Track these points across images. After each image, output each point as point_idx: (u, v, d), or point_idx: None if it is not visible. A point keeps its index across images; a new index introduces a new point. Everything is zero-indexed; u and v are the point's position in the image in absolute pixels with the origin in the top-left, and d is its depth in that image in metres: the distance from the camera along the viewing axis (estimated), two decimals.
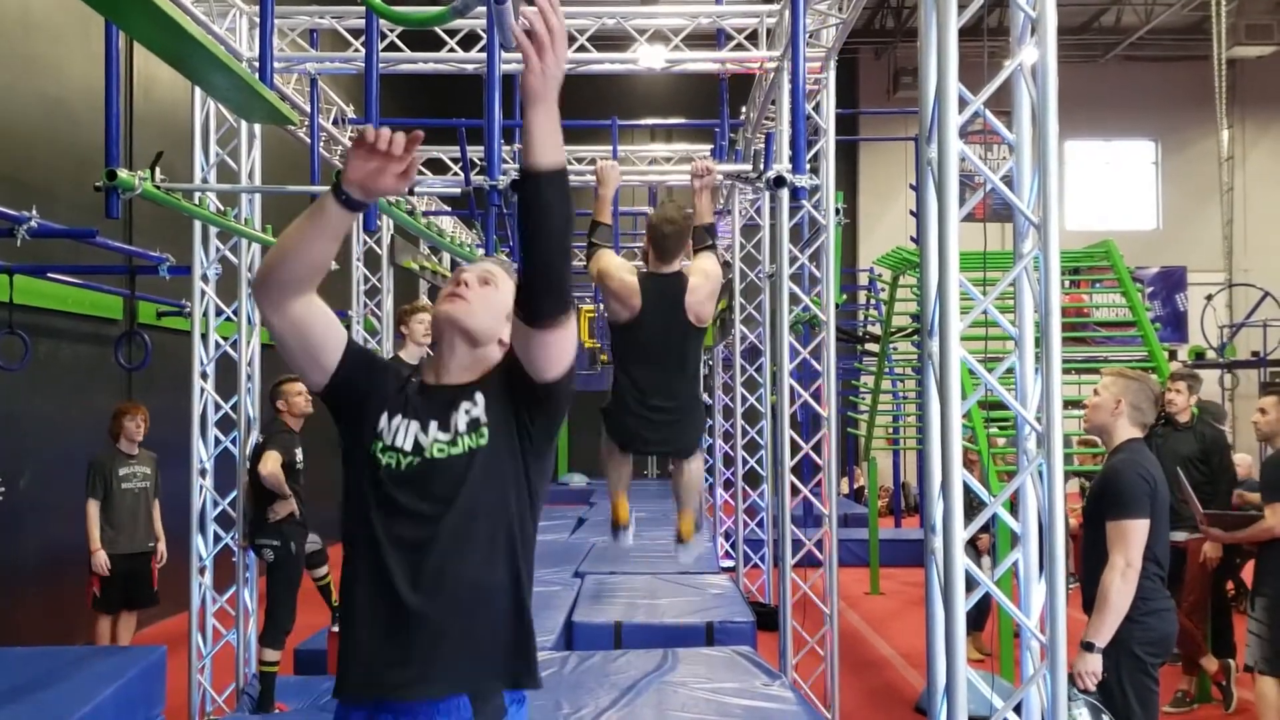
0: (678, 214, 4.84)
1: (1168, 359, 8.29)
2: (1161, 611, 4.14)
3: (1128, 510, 4.02)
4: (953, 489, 3.02)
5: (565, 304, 2.28)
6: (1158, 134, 22.77)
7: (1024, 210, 3.13)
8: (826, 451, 6.44)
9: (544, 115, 2.13)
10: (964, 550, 3.08)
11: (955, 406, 3.02)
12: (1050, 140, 3.09)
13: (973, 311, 3.11)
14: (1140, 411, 4.25)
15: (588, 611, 8.33)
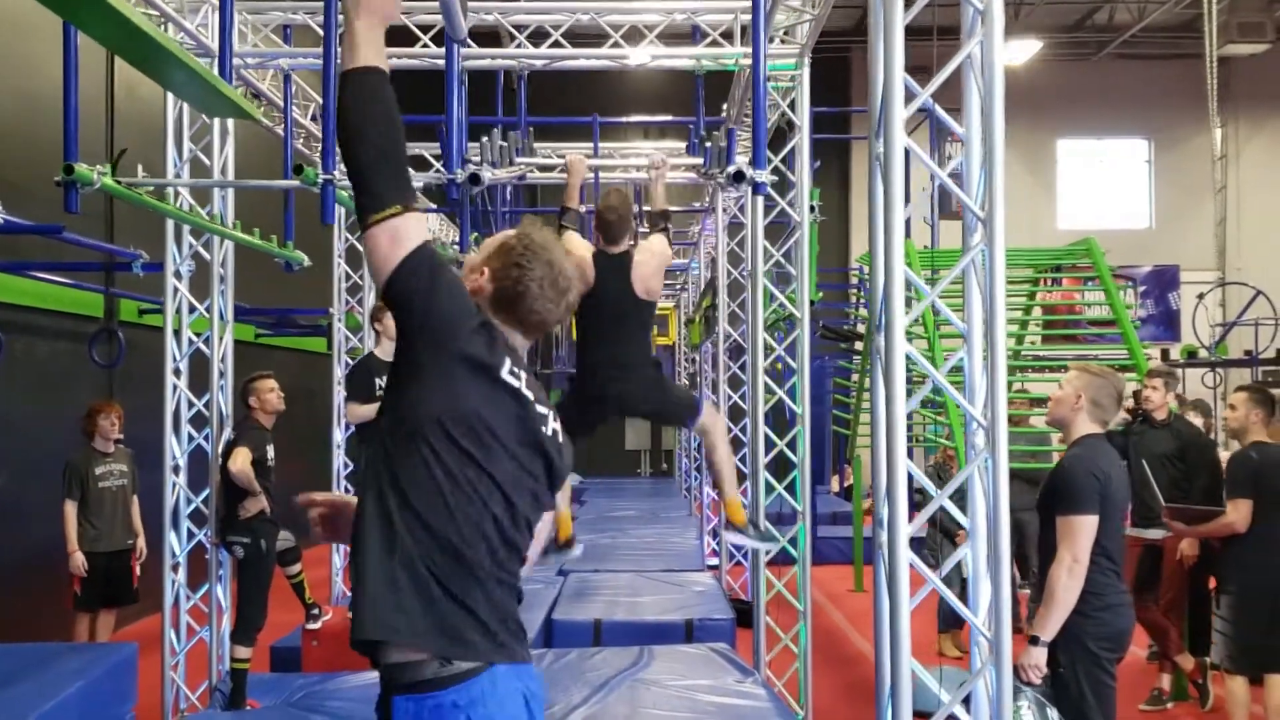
0: (620, 201, 5.33)
1: (1160, 358, 8.35)
2: (1116, 606, 4.14)
3: (1075, 506, 4.03)
4: (897, 484, 3.01)
5: (375, 203, 2.19)
6: (1150, 132, 22.74)
7: (971, 205, 3.12)
8: (800, 447, 6.43)
9: (355, 25, 2.24)
10: (940, 543, 3.10)
11: (899, 402, 3.02)
12: (996, 134, 3.09)
13: (918, 306, 3.11)
14: (1100, 408, 4.25)
15: (568, 609, 8.32)
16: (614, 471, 21.34)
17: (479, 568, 2.22)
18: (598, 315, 5.30)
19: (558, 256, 2.41)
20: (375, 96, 2.22)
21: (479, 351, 2.24)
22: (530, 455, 2.33)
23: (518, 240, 2.39)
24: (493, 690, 2.19)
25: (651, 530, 13.27)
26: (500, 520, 2.26)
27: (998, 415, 3.02)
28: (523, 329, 2.41)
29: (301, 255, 6.81)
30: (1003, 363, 3.04)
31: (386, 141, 2.21)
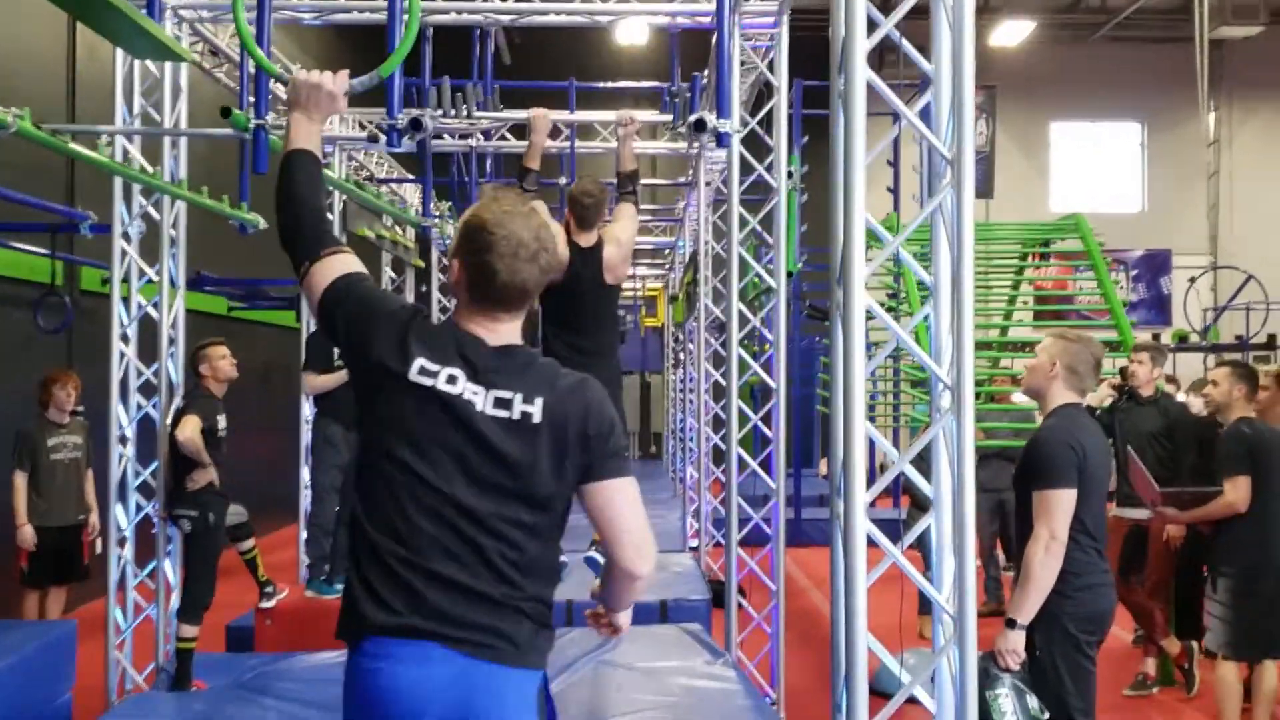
0: (595, 187, 5.26)
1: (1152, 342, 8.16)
2: (1096, 586, 3.91)
3: (1052, 480, 3.81)
4: (854, 447, 2.77)
5: (296, 262, 2.47)
6: (1144, 116, 22.50)
7: (939, 146, 2.88)
8: (775, 423, 6.19)
9: (295, 116, 2.61)
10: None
11: (858, 358, 2.77)
12: (966, 71, 2.85)
13: (881, 253, 2.86)
14: (1077, 375, 4.02)
15: None
16: None
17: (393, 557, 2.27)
18: (566, 303, 5.27)
19: (516, 227, 2.32)
20: (306, 177, 2.53)
21: (387, 359, 2.30)
22: (461, 448, 2.27)
23: (473, 219, 2.35)
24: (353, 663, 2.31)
25: None
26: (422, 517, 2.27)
27: (964, 375, 2.78)
28: (504, 307, 2.35)
29: (257, 218, 6.53)
30: (969, 318, 2.80)
31: (305, 212, 2.50)
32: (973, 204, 2.80)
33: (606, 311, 5.50)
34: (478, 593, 2.24)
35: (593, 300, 5.35)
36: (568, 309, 5.31)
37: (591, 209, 5.18)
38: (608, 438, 2.32)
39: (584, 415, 2.31)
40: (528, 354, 2.37)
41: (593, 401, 2.34)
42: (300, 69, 2.73)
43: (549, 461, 2.27)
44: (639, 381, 21.63)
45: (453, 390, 2.27)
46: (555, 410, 2.29)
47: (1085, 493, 3.87)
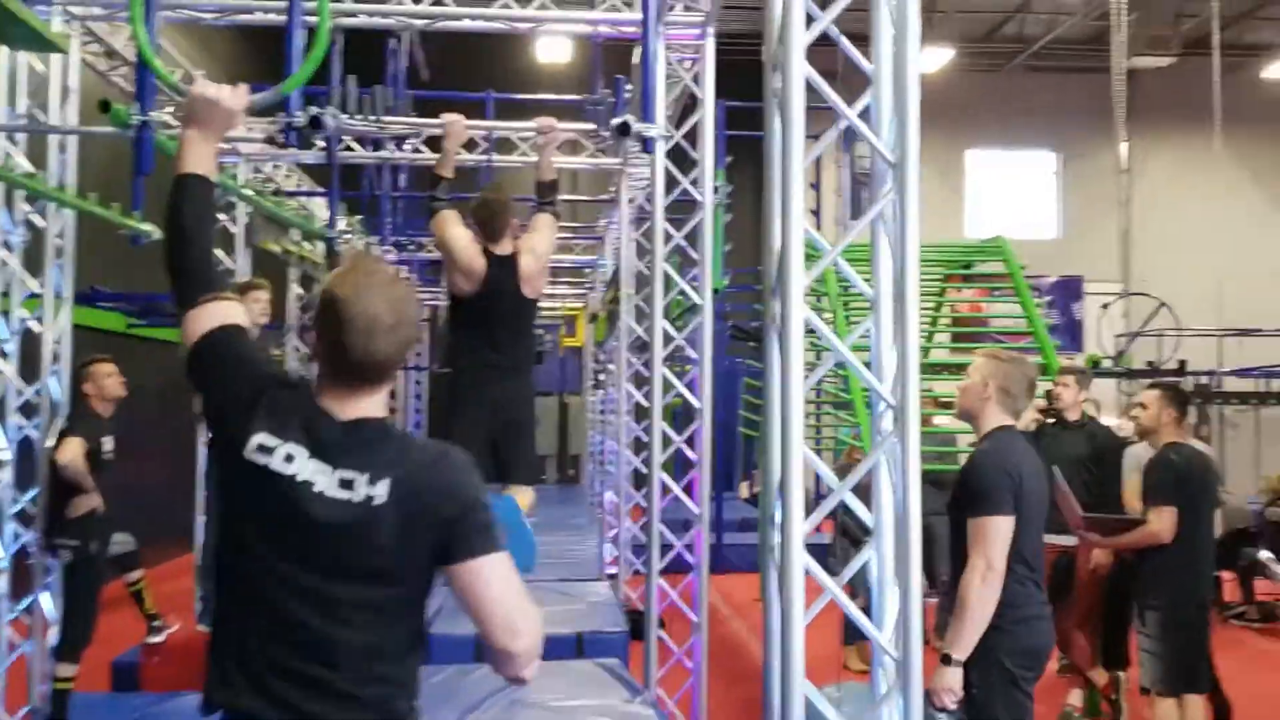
0: (492, 198, 5.17)
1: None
2: (1033, 619, 3.73)
3: (988, 507, 3.62)
4: (791, 474, 2.53)
5: (177, 301, 2.36)
6: (1059, 145, 22.81)
7: (880, 148, 2.66)
8: (700, 446, 5.96)
9: (188, 133, 2.43)
10: (847, 552, 2.64)
11: (796, 376, 2.54)
12: (910, 70, 2.65)
13: (819, 264, 2.64)
14: (1011, 397, 3.84)
15: (449, 623, 7.68)
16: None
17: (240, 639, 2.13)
18: (484, 318, 5.14)
19: (372, 300, 2.13)
20: (193, 209, 2.38)
21: (231, 430, 2.18)
22: (298, 531, 2.11)
23: (327, 293, 2.21)
24: None
25: (550, 538, 12.68)
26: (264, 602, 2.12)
27: (909, 394, 2.56)
28: (361, 381, 2.18)
29: (151, 228, 6.14)
30: (914, 333, 2.59)
31: (190, 249, 2.36)
32: (917, 211, 2.59)
33: (524, 326, 5.35)
34: (324, 683, 2.05)
35: (510, 312, 5.19)
36: (483, 321, 5.13)
37: (491, 221, 5.06)
38: (469, 515, 2.10)
39: (440, 493, 2.11)
40: (380, 428, 2.16)
41: (452, 478, 2.14)
42: (202, 77, 2.52)
43: (399, 543, 2.09)
44: (557, 403, 21.30)
45: (287, 470, 2.11)
46: (406, 489, 2.10)
47: (1022, 521, 3.69)
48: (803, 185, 2.56)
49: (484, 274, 5.07)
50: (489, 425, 5.14)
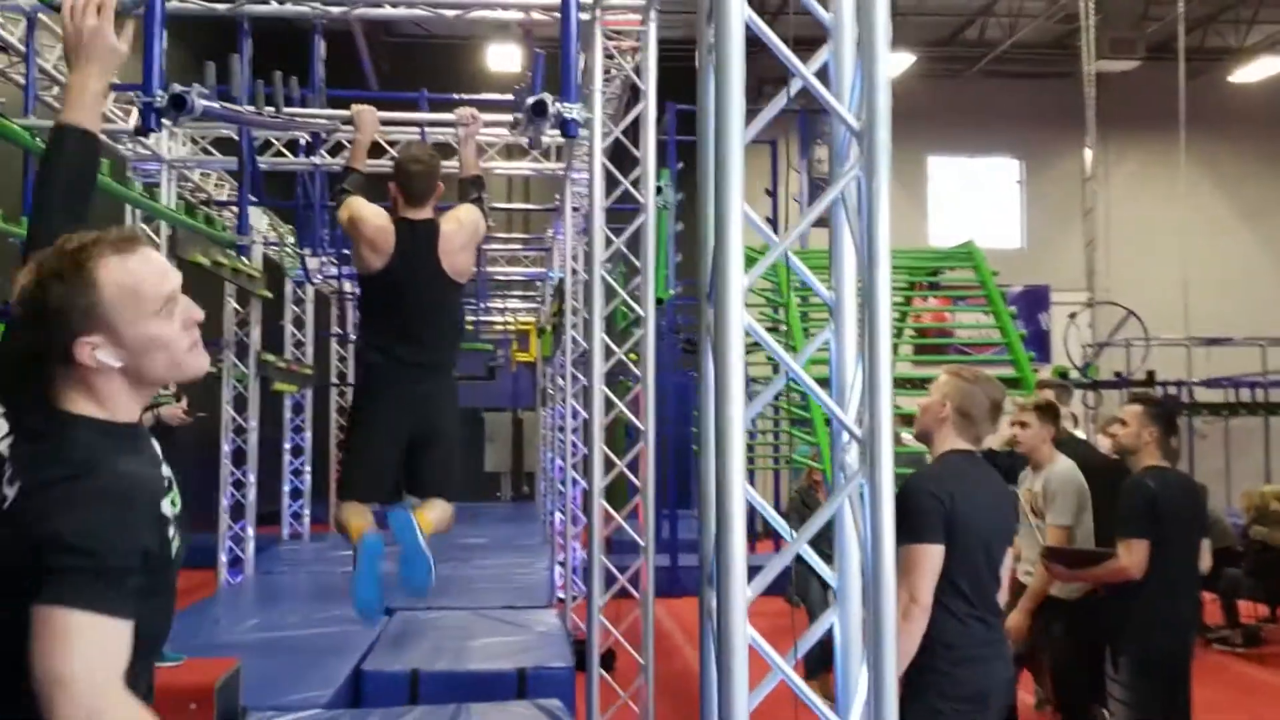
0: (424, 153, 4.68)
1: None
2: (975, 660, 3.33)
3: (910, 534, 3.22)
4: (731, 527, 2.00)
5: None
6: (1022, 152, 22.53)
7: (842, 113, 2.14)
8: (643, 469, 5.42)
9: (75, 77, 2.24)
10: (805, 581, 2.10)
11: (734, 396, 2.00)
12: (878, 21, 2.13)
13: (764, 260, 2.10)
14: (969, 420, 3.49)
15: (383, 657, 7.15)
16: (471, 496, 20.07)
17: None
18: (397, 298, 4.50)
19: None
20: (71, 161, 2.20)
21: None
22: None
23: None
24: None
25: (499, 561, 12.14)
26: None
27: (879, 421, 2.03)
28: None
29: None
30: (885, 346, 2.06)
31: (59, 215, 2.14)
32: (888, 192, 2.07)
33: (444, 314, 4.67)
34: None
35: (427, 292, 4.51)
36: (395, 304, 4.49)
37: (419, 176, 4.47)
38: (58, 548, 1.67)
39: (44, 514, 1.70)
40: (58, 422, 1.80)
41: (65, 498, 1.71)
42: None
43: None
44: (510, 419, 20.73)
45: None
46: (25, 500, 1.74)
47: (959, 550, 3.32)
48: (741, 163, 2.03)
49: (393, 239, 4.45)
50: (399, 431, 4.53)
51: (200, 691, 5.36)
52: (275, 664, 6.87)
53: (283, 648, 7.41)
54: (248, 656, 6.84)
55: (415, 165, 4.49)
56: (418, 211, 4.50)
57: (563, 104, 3.74)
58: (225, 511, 10.71)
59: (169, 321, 1.86)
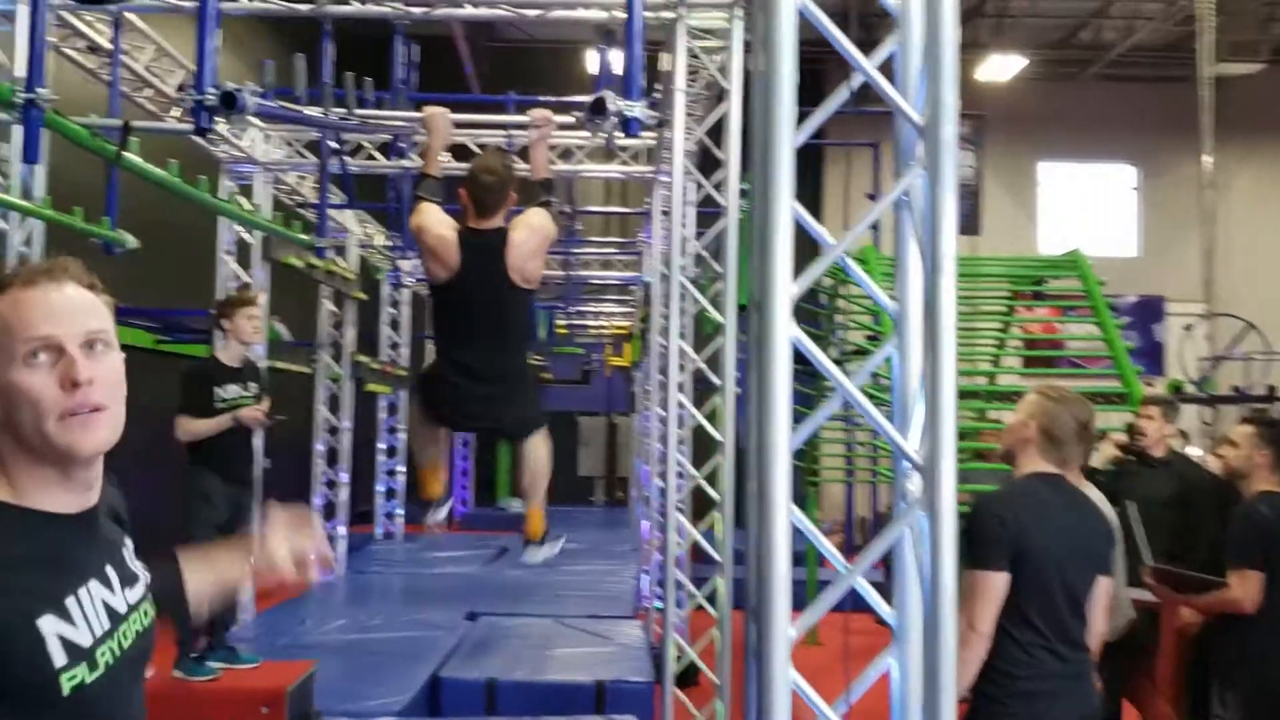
0: (499, 163, 4.52)
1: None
2: (1041, 694, 3.14)
3: (973, 559, 3.10)
4: (774, 554, 1.83)
5: None
6: (1138, 158, 21.73)
7: (904, 108, 1.95)
8: (721, 480, 5.25)
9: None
10: None
11: (780, 416, 1.83)
12: (945, 9, 1.94)
13: (818, 262, 1.93)
14: (1054, 443, 3.29)
15: (461, 665, 7.09)
16: (565, 499, 20.06)
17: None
18: (463, 308, 4.46)
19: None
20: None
21: None
22: None
23: None
24: None
25: (586, 567, 12.02)
26: None
27: (941, 446, 1.84)
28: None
29: (125, 236, 5.58)
30: (949, 364, 1.87)
31: None
32: (955, 192, 1.88)
33: (513, 323, 4.53)
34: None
35: (494, 305, 4.42)
36: (459, 319, 4.46)
37: (493, 189, 4.35)
38: None
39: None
40: None
41: None
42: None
43: None
44: (605, 424, 20.67)
45: None
46: None
47: (1028, 578, 3.14)
48: (791, 163, 1.86)
49: (457, 251, 4.36)
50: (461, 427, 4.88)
51: (272, 695, 5.35)
52: (354, 667, 6.86)
53: (364, 650, 7.40)
54: (328, 658, 6.85)
55: (488, 177, 4.37)
56: (487, 221, 4.40)
57: (624, 102, 3.59)
58: (318, 511, 10.79)
59: (34, 373, 1.47)
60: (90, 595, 1.50)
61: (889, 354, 2.06)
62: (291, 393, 12.81)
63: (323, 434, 11.01)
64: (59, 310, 1.50)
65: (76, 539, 1.53)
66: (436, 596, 9.77)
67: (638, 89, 3.59)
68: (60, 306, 1.51)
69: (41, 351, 1.48)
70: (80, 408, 1.48)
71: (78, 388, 1.47)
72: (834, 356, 9.64)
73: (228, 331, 5.77)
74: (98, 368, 1.51)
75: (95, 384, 1.49)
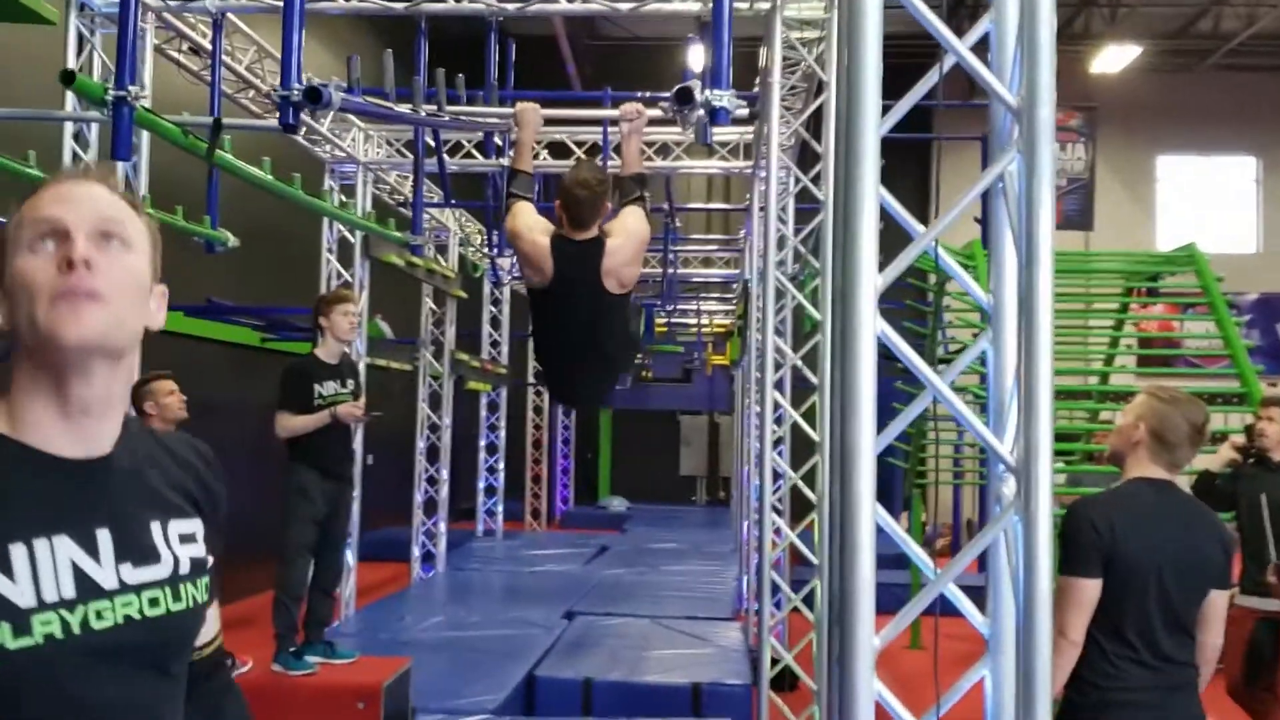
0: (593, 176, 4.35)
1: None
2: (1124, 705, 3.03)
3: (1065, 564, 3.04)
4: (858, 558, 1.74)
5: None
6: (1259, 149, 20.92)
7: (999, 89, 1.85)
8: (820, 483, 5.14)
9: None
10: None
11: (864, 416, 1.75)
12: None
13: (906, 252, 1.84)
14: (1165, 446, 3.15)
15: (558, 663, 7.07)
16: (666, 499, 20.02)
17: None
18: (559, 315, 4.46)
19: None
20: None
21: None
22: None
23: None
24: None
25: (686, 568, 11.96)
26: None
27: (1037, 447, 1.74)
28: None
29: (225, 234, 5.68)
30: (1045, 361, 1.76)
31: None
32: (1052, 178, 1.77)
33: (610, 330, 4.50)
34: None
35: (590, 314, 4.40)
36: (555, 326, 4.47)
37: (587, 204, 4.27)
38: None
39: None
40: None
41: None
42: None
43: None
44: (707, 423, 20.57)
45: None
46: None
47: (1119, 586, 3.05)
48: (875, 147, 1.77)
49: (551, 260, 4.34)
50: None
51: (368, 690, 5.38)
52: (451, 664, 6.89)
53: (461, 647, 7.43)
54: (425, 655, 6.89)
55: (581, 191, 4.29)
56: (582, 233, 4.35)
57: (712, 91, 3.51)
58: (418, 507, 10.91)
59: (35, 257, 1.32)
60: (52, 552, 1.27)
61: (983, 349, 1.95)
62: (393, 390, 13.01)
63: (424, 431, 11.12)
64: (72, 198, 1.35)
65: (59, 486, 1.32)
66: (535, 595, 9.80)
67: (725, 77, 3.51)
68: (76, 195, 1.36)
69: (48, 238, 1.32)
70: (73, 290, 1.29)
71: (73, 269, 1.29)
72: (940, 355, 9.42)
73: (325, 328, 5.83)
74: (104, 257, 1.33)
75: (96, 270, 1.31)
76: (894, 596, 10.79)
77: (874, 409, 1.75)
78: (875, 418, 1.75)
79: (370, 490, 10.81)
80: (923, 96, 1.95)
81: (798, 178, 5.43)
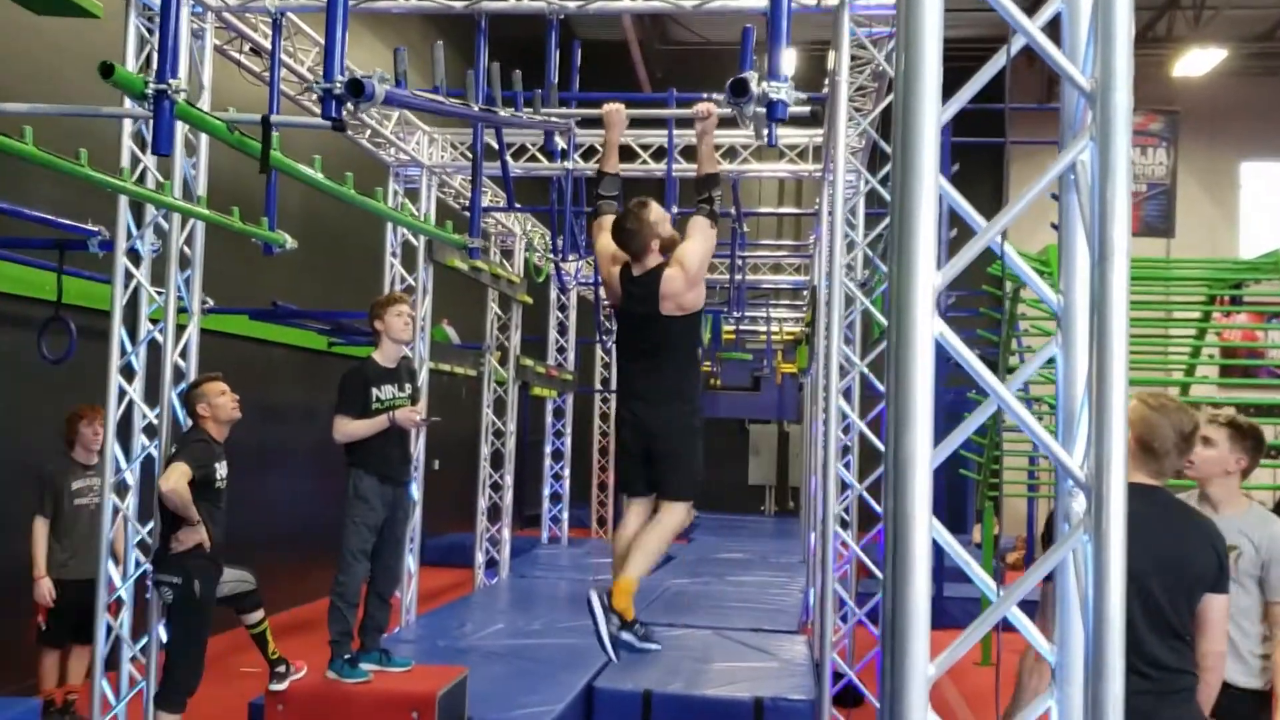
0: (641, 210, 4.67)
1: None
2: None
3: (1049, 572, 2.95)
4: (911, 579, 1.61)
5: None
6: None
7: (1071, 72, 1.71)
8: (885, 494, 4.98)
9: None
10: None
11: (920, 426, 1.62)
12: None
13: (971, 244, 1.71)
14: (1153, 455, 3.09)
15: (618, 675, 6.95)
16: (734, 508, 19.81)
17: None
18: (627, 337, 4.97)
19: None
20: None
21: None
22: None
23: None
24: None
25: (753, 578, 11.78)
26: None
27: (1109, 462, 1.59)
28: None
29: (283, 236, 5.66)
30: (1119, 368, 1.62)
31: None
32: (1128, 168, 1.63)
33: (672, 348, 4.81)
34: None
35: (652, 334, 4.77)
36: (629, 344, 4.93)
37: (633, 237, 4.66)
38: None
39: None
40: None
41: None
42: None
43: None
44: (776, 431, 20.34)
45: None
46: None
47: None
48: (935, 139, 1.65)
49: (620, 287, 4.81)
50: (638, 445, 4.90)
51: (423, 699, 5.32)
52: (509, 673, 6.81)
53: (520, 656, 7.35)
54: (484, 663, 6.82)
55: (631, 223, 4.66)
56: (640, 265, 4.70)
57: (769, 83, 3.38)
58: (482, 513, 10.86)
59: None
60: None
61: (1052, 354, 1.81)
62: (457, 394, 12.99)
63: (489, 437, 11.08)
64: None
65: None
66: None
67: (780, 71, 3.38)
68: None
69: None
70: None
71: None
72: (1012, 365, 9.16)
73: (380, 331, 5.79)
74: None
75: None
76: (965, 611, 10.61)
77: (930, 417, 1.62)
78: (932, 426, 1.62)
79: (435, 496, 10.80)
80: (992, 95, 1.82)
81: (866, 180, 5.26)
